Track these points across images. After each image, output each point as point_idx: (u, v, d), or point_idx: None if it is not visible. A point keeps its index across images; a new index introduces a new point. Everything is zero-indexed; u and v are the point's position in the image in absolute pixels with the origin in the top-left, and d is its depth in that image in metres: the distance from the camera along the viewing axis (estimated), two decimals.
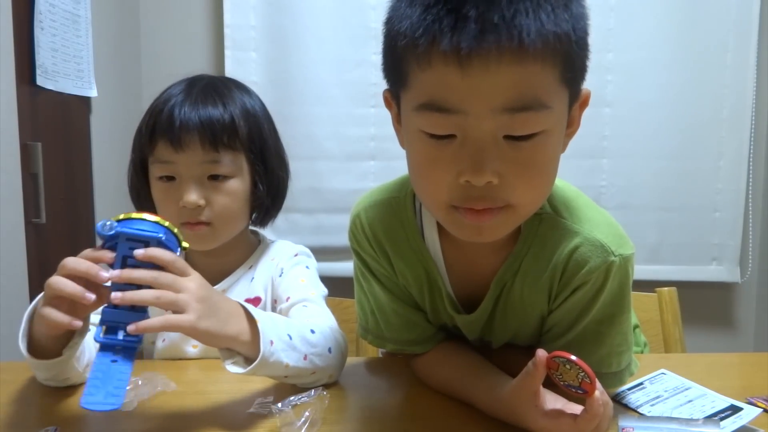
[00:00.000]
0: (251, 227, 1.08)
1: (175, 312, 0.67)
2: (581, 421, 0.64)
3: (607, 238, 0.74)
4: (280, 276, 1.00)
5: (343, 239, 1.95)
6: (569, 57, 0.63)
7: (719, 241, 2.05)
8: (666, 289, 1.27)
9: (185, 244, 0.70)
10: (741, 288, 2.13)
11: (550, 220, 0.76)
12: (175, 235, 0.69)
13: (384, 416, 0.78)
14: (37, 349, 0.74)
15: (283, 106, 1.92)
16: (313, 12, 1.97)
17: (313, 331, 0.81)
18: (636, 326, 1.08)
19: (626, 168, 2.02)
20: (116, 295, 0.64)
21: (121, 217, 0.68)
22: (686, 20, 1.95)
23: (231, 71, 1.96)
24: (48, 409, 0.76)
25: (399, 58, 0.66)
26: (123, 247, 0.66)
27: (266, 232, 1.11)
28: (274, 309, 1.01)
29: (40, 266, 1.44)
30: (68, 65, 1.56)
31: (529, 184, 0.66)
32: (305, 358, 0.78)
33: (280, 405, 0.71)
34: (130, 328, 0.64)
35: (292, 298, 0.96)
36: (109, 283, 0.67)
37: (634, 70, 1.96)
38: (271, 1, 1.98)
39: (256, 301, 1.01)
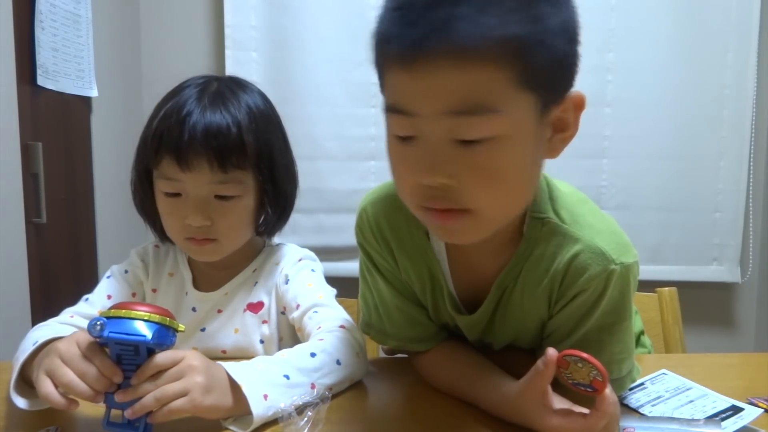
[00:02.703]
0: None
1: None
2: (592, 419, 0.64)
3: (609, 246, 0.73)
4: (286, 284, 0.98)
5: (343, 239, 2.00)
6: (527, 59, 0.60)
7: (720, 241, 2.05)
8: (666, 289, 1.27)
9: (181, 328, 0.70)
10: (741, 288, 2.14)
11: (552, 225, 0.75)
12: (167, 325, 0.68)
13: (386, 416, 0.79)
14: (26, 382, 0.77)
15: (283, 106, 1.86)
16: (313, 12, 1.97)
17: (313, 354, 0.79)
18: (641, 332, 1.08)
19: (626, 168, 2.02)
20: (128, 411, 0.66)
21: (111, 313, 0.66)
22: (687, 20, 1.95)
23: (231, 71, 1.95)
24: (48, 409, 0.75)
25: (375, 60, 0.68)
26: (115, 348, 0.67)
27: None
28: (282, 315, 0.99)
29: (41, 266, 1.44)
30: (69, 65, 1.56)
31: (487, 189, 0.64)
32: (312, 386, 0.76)
33: (282, 405, 0.71)
34: None
35: (302, 306, 0.94)
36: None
37: (635, 70, 1.95)
38: (272, 1, 1.98)
39: (258, 305, 0.99)
